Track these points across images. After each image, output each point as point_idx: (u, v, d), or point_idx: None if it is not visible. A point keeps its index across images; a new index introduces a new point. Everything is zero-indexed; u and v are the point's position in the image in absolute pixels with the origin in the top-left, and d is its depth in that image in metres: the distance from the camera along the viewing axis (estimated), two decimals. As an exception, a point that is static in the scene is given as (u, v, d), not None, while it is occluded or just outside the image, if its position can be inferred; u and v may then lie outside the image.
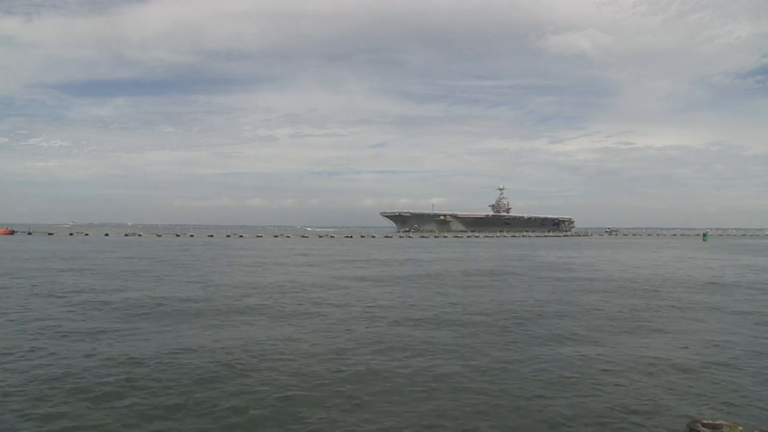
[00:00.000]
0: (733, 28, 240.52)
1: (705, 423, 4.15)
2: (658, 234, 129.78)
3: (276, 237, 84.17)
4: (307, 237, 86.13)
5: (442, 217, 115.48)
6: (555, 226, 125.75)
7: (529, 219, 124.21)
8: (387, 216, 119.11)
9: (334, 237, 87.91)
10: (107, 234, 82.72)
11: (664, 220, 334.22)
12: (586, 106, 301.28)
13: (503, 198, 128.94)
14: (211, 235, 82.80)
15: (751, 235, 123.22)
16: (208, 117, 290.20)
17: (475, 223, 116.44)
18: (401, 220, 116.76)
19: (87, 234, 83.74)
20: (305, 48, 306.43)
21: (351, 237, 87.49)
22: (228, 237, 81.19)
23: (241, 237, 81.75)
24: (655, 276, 25.06)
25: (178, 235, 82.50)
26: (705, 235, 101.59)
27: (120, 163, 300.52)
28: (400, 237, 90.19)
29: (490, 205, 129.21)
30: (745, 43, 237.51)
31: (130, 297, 16.39)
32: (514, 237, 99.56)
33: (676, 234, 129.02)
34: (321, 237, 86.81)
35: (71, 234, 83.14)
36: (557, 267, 30.39)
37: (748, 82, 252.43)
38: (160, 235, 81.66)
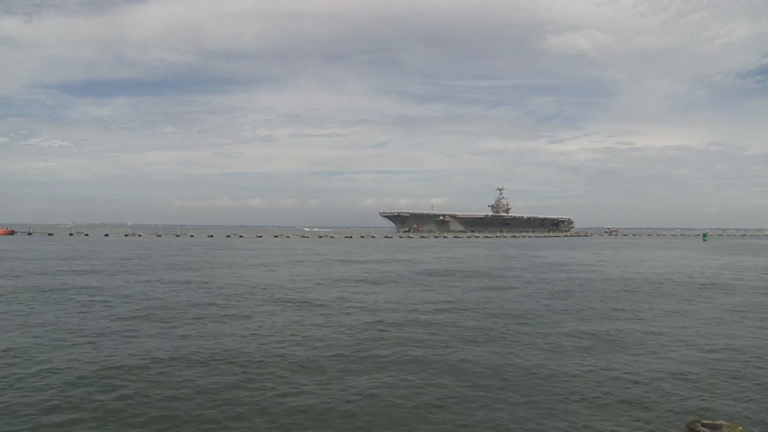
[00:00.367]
0: (734, 28, 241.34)
1: (705, 423, 4.17)
2: (658, 234, 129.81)
3: (276, 237, 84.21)
4: (307, 237, 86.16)
5: (441, 218, 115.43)
6: (554, 226, 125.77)
7: (529, 219, 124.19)
8: (386, 216, 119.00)
9: (333, 237, 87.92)
10: (107, 234, 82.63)
11: (664, 220, 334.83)
12: (586, 106, 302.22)
13: (502, 198, 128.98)
14: (211, 236, 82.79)
15: (751, 235, 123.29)
16: (208, 117, 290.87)
17: (475, 224, 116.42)
18: (400, 220, 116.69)
19: (87, 234, 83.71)
20: (305, 48, 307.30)
21: (351, 237, 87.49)
22: (228, 237, 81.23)
23: (241, 237, 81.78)
24: (655, 275, 25.11)
25: (178, 236, 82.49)
26: (705, 236, 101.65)
27: (120, 163, 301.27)
28: (399, 237, 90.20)
29: (489, 206, 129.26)
30: (746, 43, 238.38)
31: (129, 296, 16.44)
32: (514, 237, 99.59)
33: (676, 234, 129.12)
34: (321, 237, 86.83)
35: (71, 234, 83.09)
36: (560, 268, 30.44)
37: (748, 82, 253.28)
38: (160, 236, 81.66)
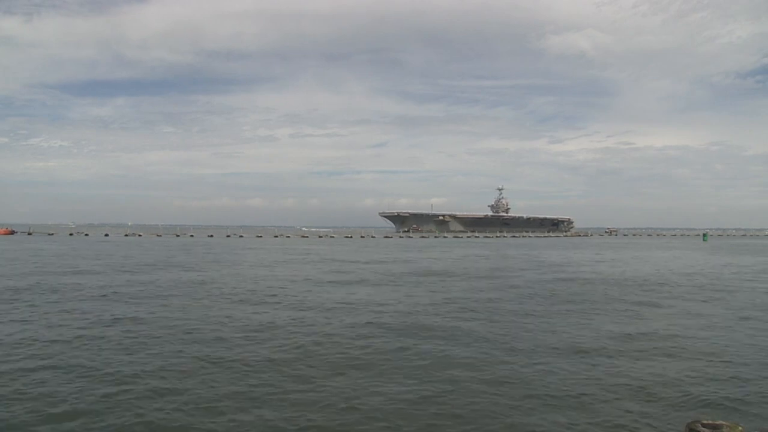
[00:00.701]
0: (734, 28, 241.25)
1: (705, 423, 4.19)
2: (658, 234, 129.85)
3: (276, 237, 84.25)
4: (307, 237, 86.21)
5: (440, 218, 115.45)
6: (554, 226, 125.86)
7: (528, 219, 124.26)
8: (386, 216, 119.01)
9: (333, 237, 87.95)
10: (107, 234, 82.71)
11: (664, 220, 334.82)
12: (586, 106, 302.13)
13: (502, 198, 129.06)
14: (211, 235, 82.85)
15: (751, 235, 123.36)
16: (208, 117, 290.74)
17: (474, 224, 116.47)
18: (400, 220, 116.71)
19: (87, 234, 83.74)
20: (305, 48, 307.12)
21: (351, 237, 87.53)
22: (228, 237, 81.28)
23: (241, 237, 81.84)
24: (655, 275, 25.14)
25: (178, 236, 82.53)
26: (705, 236, 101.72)
27: (120, 163, 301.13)
28: (400, 237, 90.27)
29: (489, 206, 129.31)
30: (746, 43, 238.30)
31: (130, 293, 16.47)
32: (514, 237, 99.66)
33: (676, 234, 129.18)
34: (321, 237, 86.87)
35: (71, 234, 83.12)
36: (563, 267, 30.46)
37: (748, 82, 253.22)
38: (160, 236, 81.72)
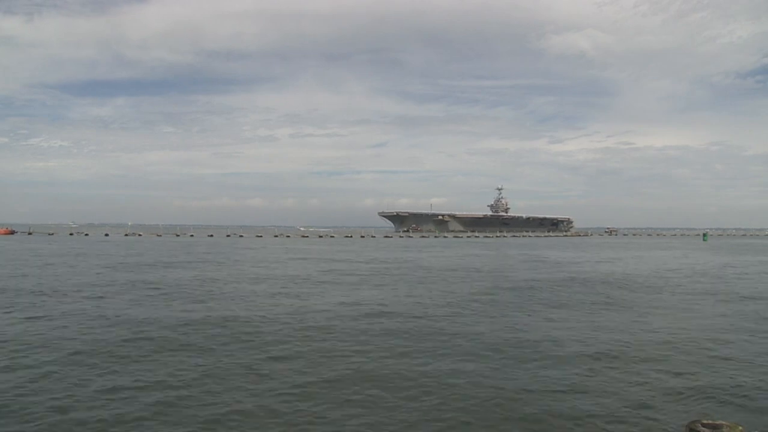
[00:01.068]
0: (734, 28, 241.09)
1: (705, 423, 4.22)
2: (658, 234, 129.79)
3: (276, 237, 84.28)
4: (307, 237, 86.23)
5: (440, 217, 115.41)
6: (554, 226, 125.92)
7: (528, 219, 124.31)
8: (385, 216, 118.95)
9: (333, 237, 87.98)
10: (107, 234, 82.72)
11: (664, 220, 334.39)
12: (586, 106, 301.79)
13: (502, 198, 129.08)
14: (211, 235, 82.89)
15: (752, 235, 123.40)
16: (208, 117, 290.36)
17: (474, 223, 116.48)
18: (399, 220, 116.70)
19: (87, 234, 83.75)
20: (305, 48, 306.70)
21: (351, 237, 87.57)
22: (228, 237, 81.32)
23: (241, 237, 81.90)
24: (656, 275, 25.17)
25: (178, 235, 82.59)
26: (705, 236, 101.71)
27: (120, 163, 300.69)
28: (400, 237, 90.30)
29: (488, 205, 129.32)
30: (746, 43, 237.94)
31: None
32: (514, 237, 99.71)
33: (676, 234, 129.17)
34: (321, 237, 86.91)
35: (71, 234, 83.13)
36: (566, 267, 30.50)
37: (748, 82, 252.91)
38: (160, 235, 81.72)
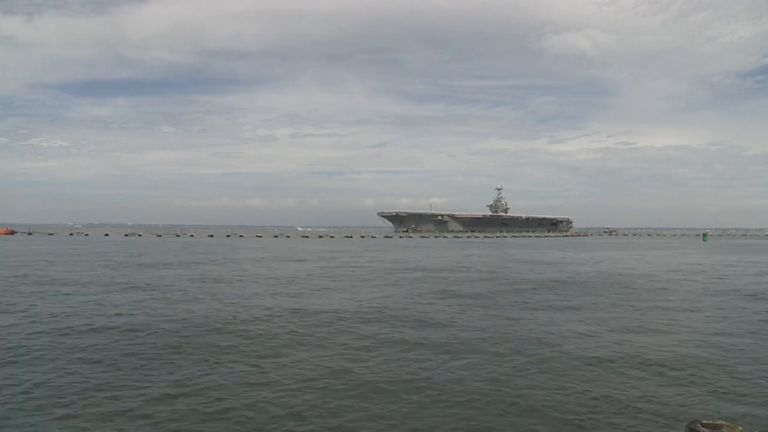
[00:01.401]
0: (735, 27, 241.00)
1: (705, 423, 4.22)
2: (657, 234, 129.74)
3: (276, 237, 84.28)
4: (307, 237, 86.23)
5: (439, 217, 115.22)
6: (553, 226, 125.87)
7: (527, 219, 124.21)
8: (384, 216, 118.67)
9: (334, 237, 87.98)
10: (107, 234, 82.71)
11: (664, 220, 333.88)
12: (586, 106, 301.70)
13: (501, 198, 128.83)
14: (211, 235, 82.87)
15: (751, 235, 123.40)
16: (208, 117, 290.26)
17: (473, 224, 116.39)
18: (399, 220, 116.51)
19: (87, 234, 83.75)
20: (305, 48, 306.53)
21: (351, 237, 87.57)
22: (228, 237, 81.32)
23: (241, 237, 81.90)
24: (656, 275, 25.18)
25: (178, 236, 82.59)
26: (705, 236, 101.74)
27: (120, 163, 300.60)
28: (400, 237, 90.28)
29: (488, 205, 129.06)
30: (747, 43, 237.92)
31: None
32: (514, 237, 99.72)
33: (676, 234, 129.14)
34: (321, 237, 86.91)
35: (71, 234, 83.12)
36: (567, 267, 30.51)
37: (748, 82, 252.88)
38: (160, 236, 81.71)
